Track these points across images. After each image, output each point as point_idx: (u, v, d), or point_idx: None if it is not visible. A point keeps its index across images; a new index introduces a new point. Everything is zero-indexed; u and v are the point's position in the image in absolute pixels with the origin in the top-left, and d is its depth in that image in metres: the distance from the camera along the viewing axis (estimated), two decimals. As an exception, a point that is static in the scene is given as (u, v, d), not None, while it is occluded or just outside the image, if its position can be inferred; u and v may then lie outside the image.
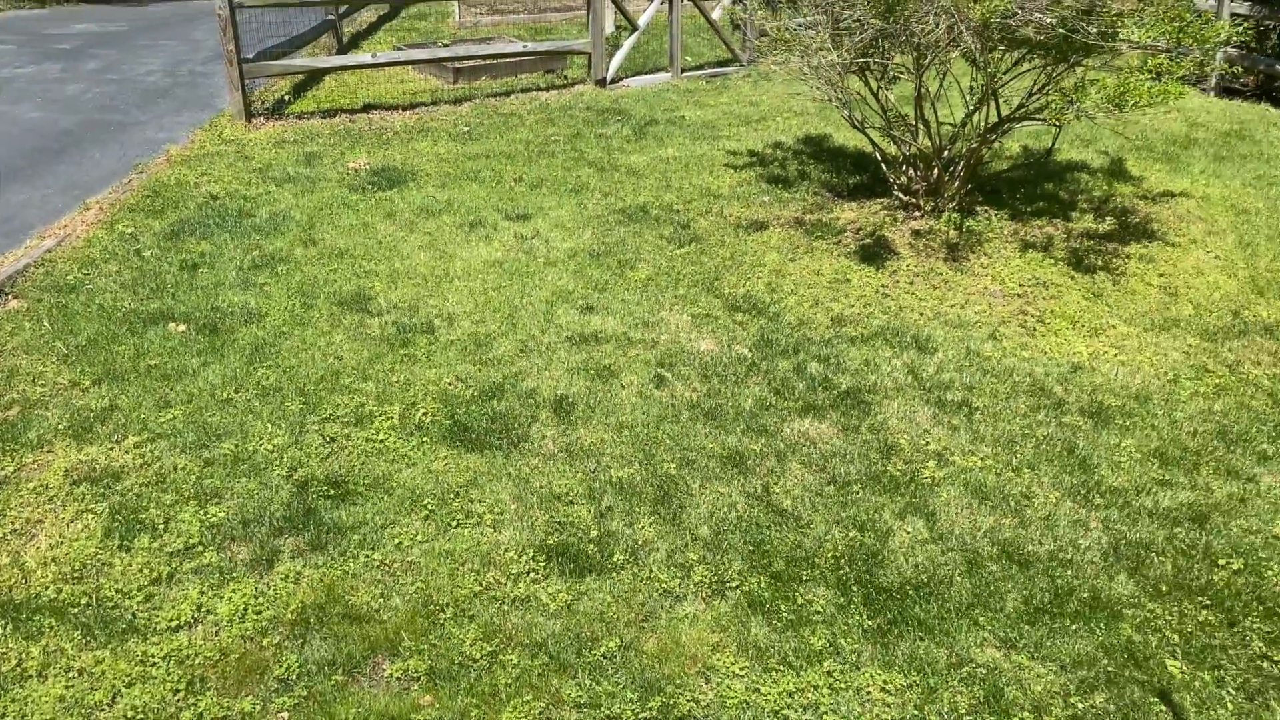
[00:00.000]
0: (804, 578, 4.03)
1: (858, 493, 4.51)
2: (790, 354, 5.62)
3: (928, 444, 4.85)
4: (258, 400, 5.06)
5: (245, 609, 3.81)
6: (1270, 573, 4.06)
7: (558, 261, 6.59)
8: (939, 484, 4.57)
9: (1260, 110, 10.22)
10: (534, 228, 7.09)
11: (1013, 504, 4.44)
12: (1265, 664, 3.65)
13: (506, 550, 4.12)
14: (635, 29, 11.31)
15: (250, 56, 9.60)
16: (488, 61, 11.05)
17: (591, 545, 4.16)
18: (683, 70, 11.40)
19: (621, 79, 11.10)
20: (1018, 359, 5.57)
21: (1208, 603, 3.91)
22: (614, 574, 4.02)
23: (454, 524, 4.27)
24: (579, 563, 4.06)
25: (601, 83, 10.80)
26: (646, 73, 11.47)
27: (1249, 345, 5.71)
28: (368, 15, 14.16)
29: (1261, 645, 3.72)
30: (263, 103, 9.81)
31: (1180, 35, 5.99)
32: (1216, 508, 4.43)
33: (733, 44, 11.79)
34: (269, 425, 4.86)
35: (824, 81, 6.82)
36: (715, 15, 11.68)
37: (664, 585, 3.96)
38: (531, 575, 4.00)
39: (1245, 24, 10.84)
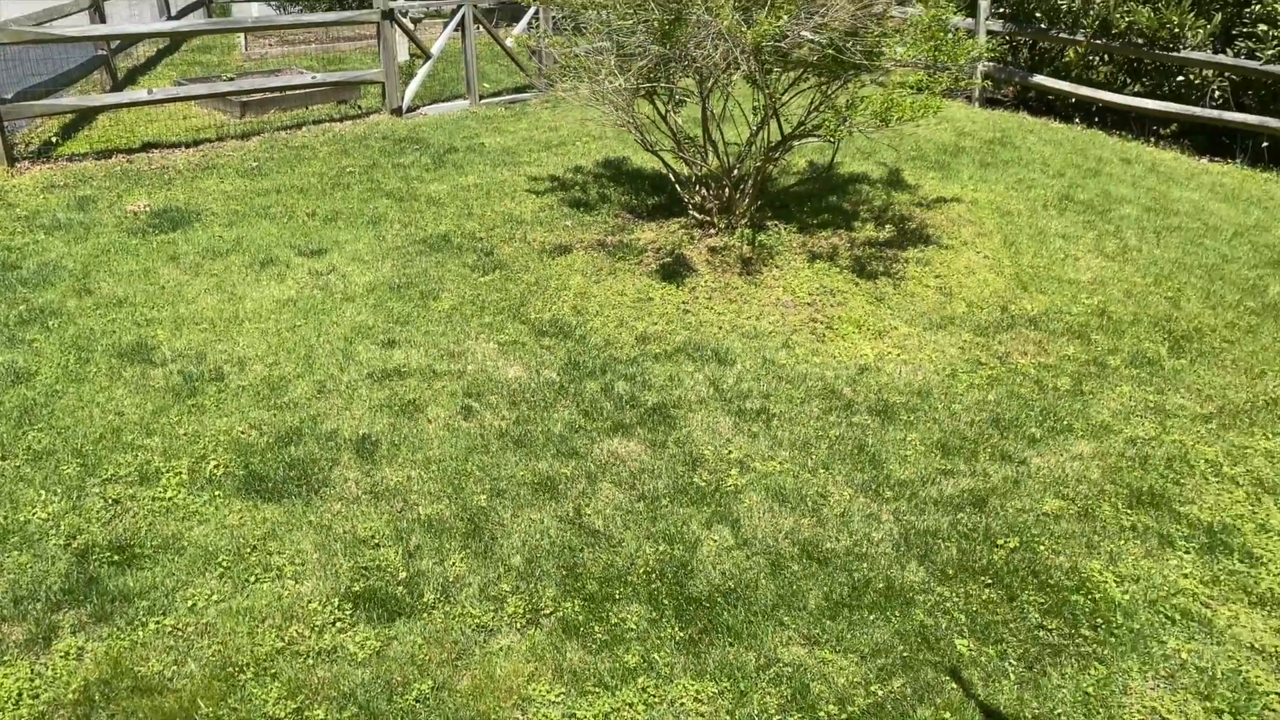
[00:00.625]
0: (617, 596, 4.07)
1: (666, 506, 4.60)
2: (598, 375, 5.68)
3: (730, 453, 5.00)
4: (28, 466, 4.69)
5: (19, 694, 3.52)
6: (1042, 548, 4.39)
7: (356, 296, 6.43)
8: (742, 491, 4.71)
9: (1018, 119, 11.12)
10: (330, 263, 6.90)
11: (811, 504, 4.63)
12: (1041, 633, 3.94)
13: (310, 601, 3.97)
14: (429, 57, 11.21)
15: (8, 96, 8.94)
16: (277, 94, 10.69)
17: (400, 587, 4.06)
18: (481, 97, 11.38)
19: (419, 107, 10.97)
20: (810, 365, 5.83)
21: (989, 581, 4.20)
22: (425, 614, 3.94)
23: (252, 579, 4.08)
24: (388, 607, 3.96)
25: (398, 112, 10.64)
26: (444, 100, 11.38)
27: (1016, 337, 6.18)
28: (145, 49, 13.44)
29: (1038, 616, 4.02)
30: (27, 145, 9.15)
31: (936, 53, 6.44)
32: (994, 491, 4.77)
33: (530, 70, 11.85)
34: (42, 492, 4.52)
35: (614, 107, 6.96)
36: (509, 43, 11.72)
37: (477, 620, 3.92)
38: (337, 625, 3.87)
39: (998, 40, 11.78)
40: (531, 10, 11.37)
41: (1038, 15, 11.20)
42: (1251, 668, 3.78)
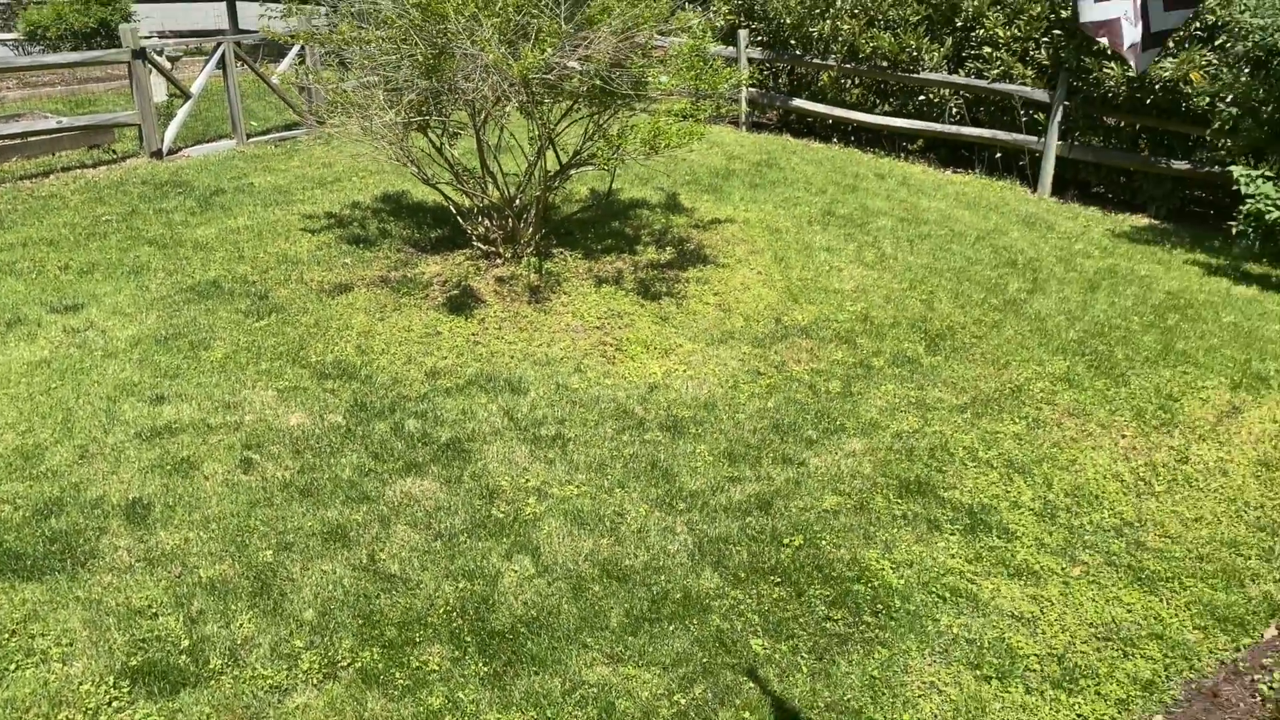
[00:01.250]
0: (418, 639, 3.99)
1: (465, 542, 4.56)
2: (386, 414, 5.57)
3: (528, 481, 5.02)
4: None
5: None
6: (825, 543, 4.65)
7: (119, 352, 6.03)
8: (541, 518, 4.74)
9: (782, 141, 11.76)
10: (88, 318, 6.44)
11: (609, 524, 4.72)
12: (828, 624, 4.17)
13: (81, 683, 3.68)
14: (189, 96, 10.68)
15: None
16: (17, 141, 9.89)
17: (183, 656, 3.84)
18: (249, 136, 10.94)
19: (181, 149, 10.42)
20: (602, 387, 5.94)
21: (779, 580, 4.40)
22: (212, 681, 3.74)
23: (13, 667, 3.74)
24: (170, 678, 3.73)
25: (158, 155, 10.07)
26: (209, 141, 10.87)
27: (790, 346, 6.52)
28: None
29: (824, 609, 4.25)
30: None
31: (698, 81, 6.74)
32: (778, 493, 5.01)
33: (299, 107, 11.50)
34: None
35: (387, 142, 6.87)
36: (275, 80, 11.33)
37: (270, 681, 3.75)
38: (114, 705, 3.61)
39: (759, 67, 12.43)
40: (296, 47, 11.04)
41: (793, 43, 11.90)
42: (1013, 634, 4.14)
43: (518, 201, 7.39)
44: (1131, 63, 3.39)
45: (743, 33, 11.93)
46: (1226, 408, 5.82)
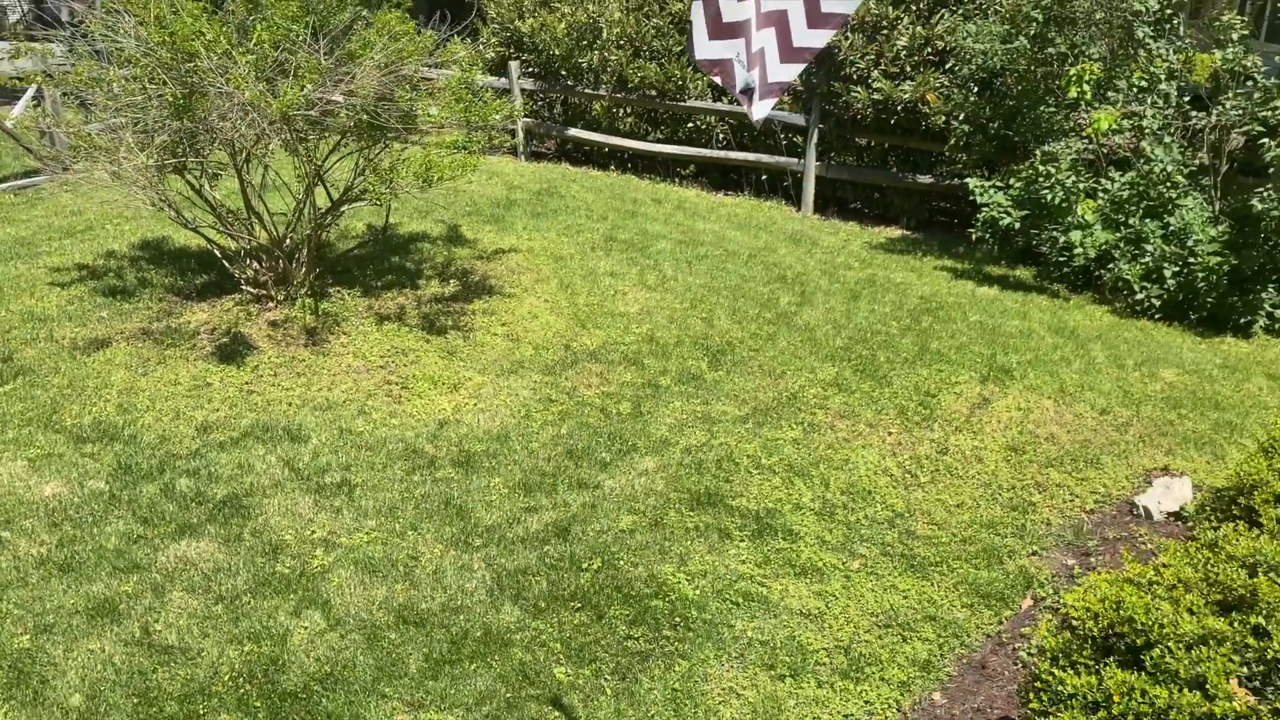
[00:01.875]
0: (202, 712, 3.75)
1: (249, 603, 4.33)
2: (154, 476, 5.22)
3: (313, 533, 4.83)
4: None
5: None
6: (623, 562, 4.72)
7: None
8: (330, 569, 4.57)
9: (562, 169, 11.92)
10: None
11: (403, 568, 4.60)
12: (630, 643, 4.23)
13: None
14: (-95, 143, 9.66)
15: None
16: None
17: (-76, 766, 3.44)
18: (-19, 184, 10.01)
19: (-101, 202, 9.41)
20: (389, 428, 5.80)
21: (579, 605, 4.43)
22: (-39, 789, 3.37)
23: None
24: (-91, 793, 3.34)
25: None
26: (-67, 191, 9.87)
27: (580, 371, 6.60)
28: None
29: (625, 628, 4.31)
30: None
31: (467, 114, 6.73)
32: (575, 519, 5.04)
33: (40, 152, 10.63)
34: None
35: (138, 187, 6.46)
36: (8, 124, 10.43)
37: (31, 779, 3.42)
38: None
39: (533, 97, 12.55)
40: (32, 89, 10.21)
41: (564, 74, 12.10)
42: (803, 631, 4.34)
43: (288, 241, 7.12)
44: (746, 109, 3.65)
45: (514, 64, 12.02)
46: (978, 400, 6.35)
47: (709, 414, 6.13)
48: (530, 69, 12.30)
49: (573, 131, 12.25)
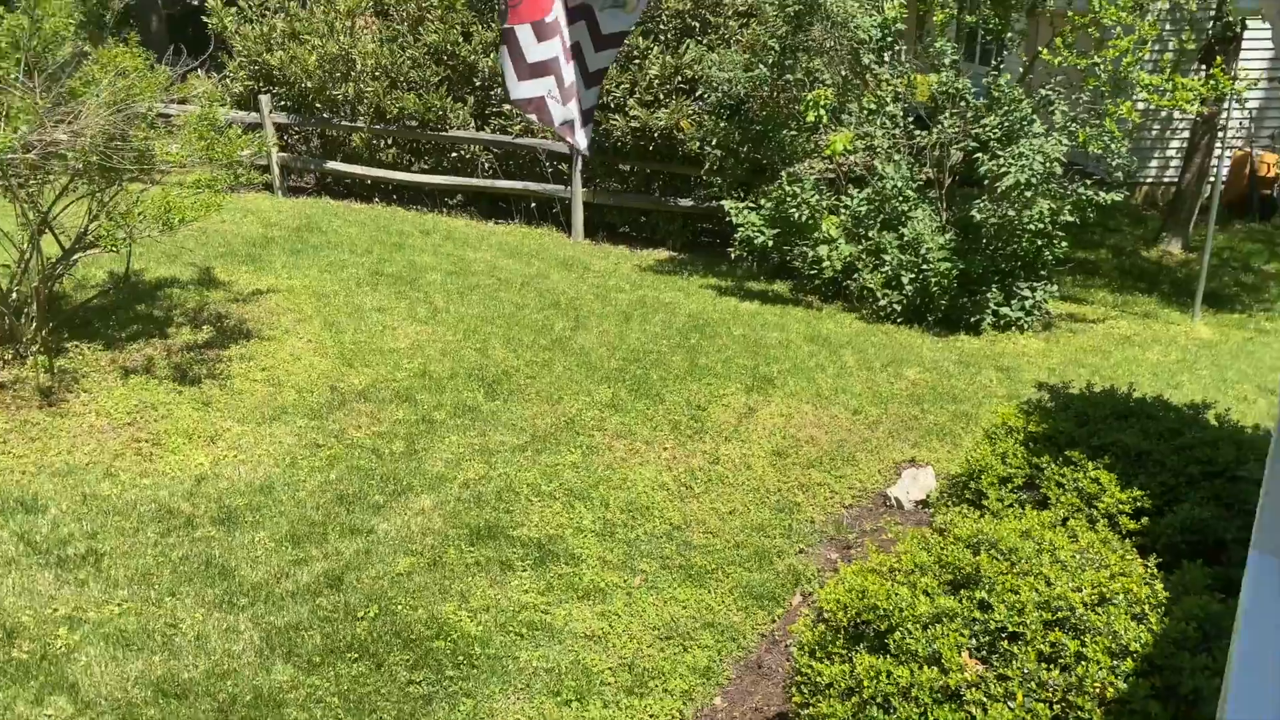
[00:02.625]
0: (-76, 827, 3.35)
1: (-20, 698, 3.91)
2: None
3: (55, 610, 4.43)
4: None
5: None
6: (401, 606, 4.60)
7: None
8: (76, 649, 4.20)
9: (323, 204, 11.55)
10: None
11: (160, 638, 4.30)
12: (412, 688, 4.13)
13: None
14: None
15: None
16: None
17: None
18: None
19: None
20: (140, 489, 5.41)
21: (356, 656, 4.28)
22: None
23: None
24: None
25: None
26: None
27: (349, 413, 6.40)
28: None
29: (406, 674, 4.20)
30: None
31: (210, 151, 6.41)
32: (349, 567, 4.87)
33: None
34: None
35: None
36: None
37: None
38: None
39: (286, 133, 12.11)
40: None
41: (319, 106, 11.75)
42: (587, 654, 4.38)
43: (14, 296, 6.53)
44: (569, 140, 3.77)
45: (265, 98, 11.56)
46: (744, 409, 6.64)
47: (487, 445, 6.09)
48: (283, 102, 11.87)
49: (332, 165, 11.92)
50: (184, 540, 4.99)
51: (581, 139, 3.87)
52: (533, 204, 11.60)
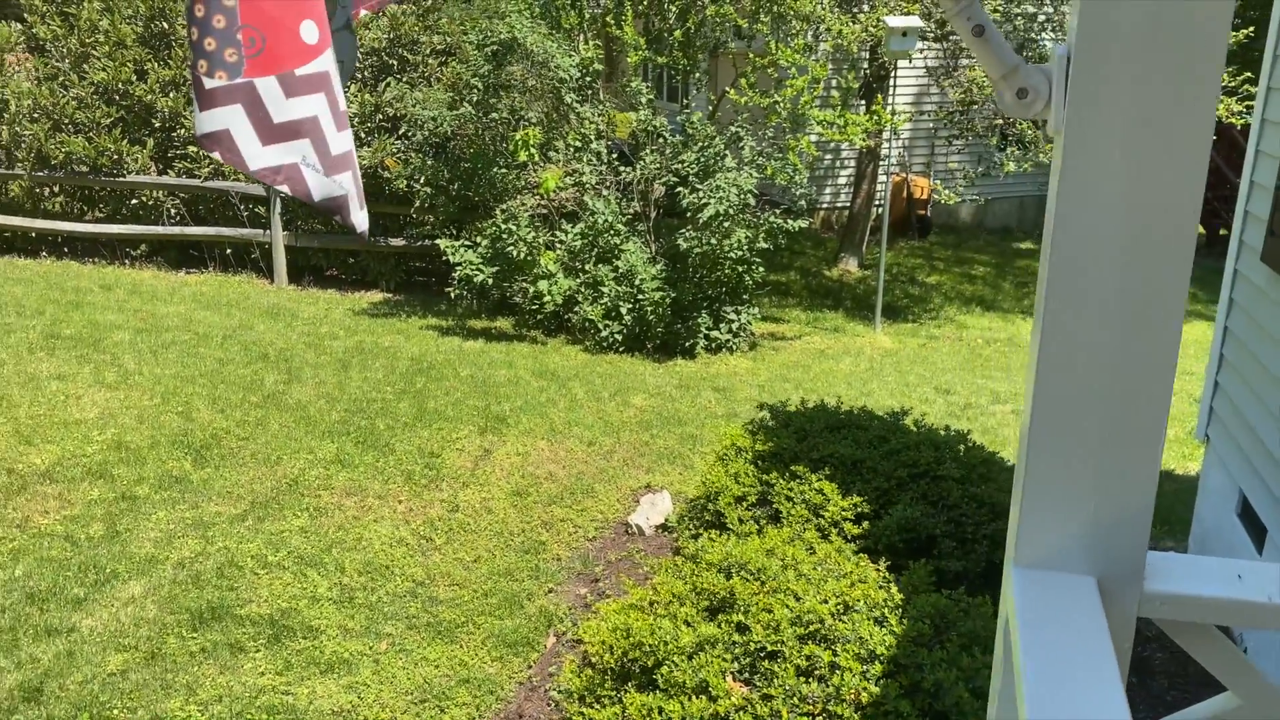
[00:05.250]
0: None
1: None
2: None
3: None
4: None
5: None
6: (116, 711, 4.10)
7: None
8: None
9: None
10: None
11: None
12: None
13: None
14: None
15: None
16: None
17: None
18: None
19: None
20: None
21: (67, 777, 3.76)
22: None
23: None
24: None
25: None
26: None
27: (32, 497, 5.66)
28: None
29: (130, 786, 3.74)
30: None
31: None
32: (48, 674, 4.29)
33: None
34: None
35: None
36: None
37: None
38: None
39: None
40: None
41: (-36, 151, 10.39)
42: (338, 730, 4.11)
43: None
44: (346, 221, 3.28)
45: (-108, 142, 10.06)
46: (479, 452, 6.54)
47: (201, 518, 5.59)
48: (-84, 147, 10.38)
49: (-14, 217, 10.56)
50: None
51: (362, 219, 3.31)
52: (229, 250, 10.87)
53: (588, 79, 9.16)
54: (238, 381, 7.46)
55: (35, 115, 10.18)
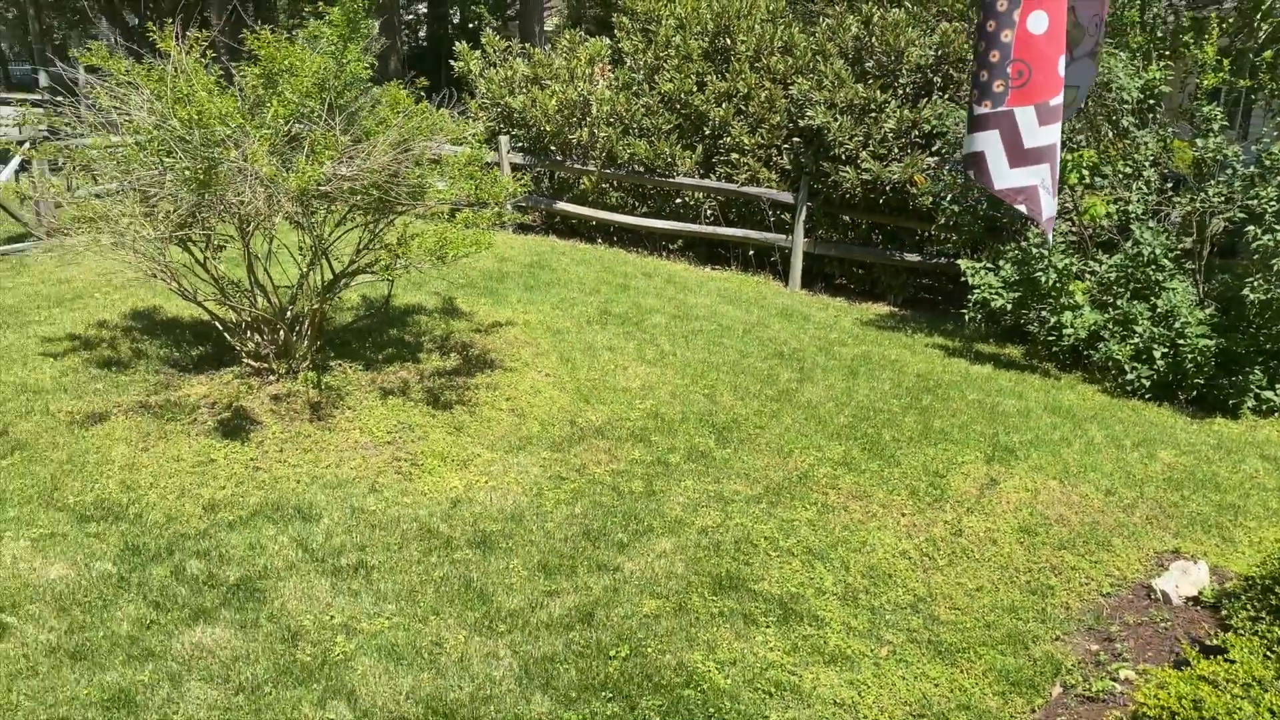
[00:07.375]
0: (229, 812, 3.60)
1: (271, 693, 4.20)
2: (164, 557, 5.07)
3: (332, 618, 4.71)
4: None
5: None
6: (650, 649, 4.65)
7: None
8: (352, 657, 4.45)
9: (550, 242, 11.99)
10: None
11: (427, 656, 4.49)
12: (665, 734, 4.14)
13: None
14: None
15: None
16: None
17: None
18: (-37, 249, 9.84)
19: (-122, 266, 9.21)
20: (401, 506, 5.71)
21: (610, 695, 4.34)
22: None
23: None
24: None
25: None
26: (-87, 256, 9.69)
27: (589, 448, 6.57)
28: None
29: (657, 718, 4.23)
30: None
31: (478, 190, 6.77)
32: (598, 603, 4.97)
33: (26, 218, 10.50)
34: None
35: (142, 256, 6.39)
36: (-4, 189, 10.31)
37: None
38: None
39: (523, 174, 12.67)
40: (17, 159, 10.14)
41: (553, 149, 12.24)
42: (837, 720, 4.28)
43: (289, 313, 7.06)
44: (1049, 233, 3.57)
45: (503, 139, 12.15)
46: (985, 480, 6.39)
47: (721, 493, 6.11)
48: (519, 143, 12.43)
49: (561, 205, 12.36)
50: (444, 561, 5.22)
51: (1050, 226, 3.67)
52: (750, 251, 11.66)
53: (1150, 102, 8.48)
54: (755, 373, 8.00)
55: (610, 120, 11.70)
